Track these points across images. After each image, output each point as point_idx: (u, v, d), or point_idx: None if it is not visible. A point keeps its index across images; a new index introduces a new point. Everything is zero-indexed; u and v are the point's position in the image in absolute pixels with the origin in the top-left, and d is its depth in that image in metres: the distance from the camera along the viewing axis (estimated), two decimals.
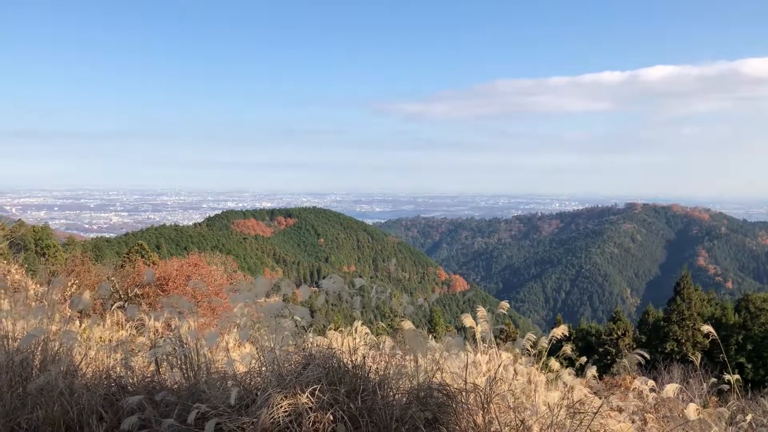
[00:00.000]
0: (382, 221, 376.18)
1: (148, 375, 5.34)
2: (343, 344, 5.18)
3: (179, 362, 5.18)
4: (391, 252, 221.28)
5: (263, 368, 4.79)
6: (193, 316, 7.69)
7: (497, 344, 7.20)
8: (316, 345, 5.23)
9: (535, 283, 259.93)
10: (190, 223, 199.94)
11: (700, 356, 7.10)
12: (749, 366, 43.17)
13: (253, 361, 5.07)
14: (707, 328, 5.05)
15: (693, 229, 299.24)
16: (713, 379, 5.87)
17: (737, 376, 5.28)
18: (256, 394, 4.36)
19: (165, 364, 5.39)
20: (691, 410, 3.76)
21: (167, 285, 15.80)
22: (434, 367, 5.27)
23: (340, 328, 8.23)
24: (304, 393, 4.16)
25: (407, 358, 5.24)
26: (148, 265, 23.52)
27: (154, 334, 7.20)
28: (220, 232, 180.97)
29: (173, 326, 6.39)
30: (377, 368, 4.81)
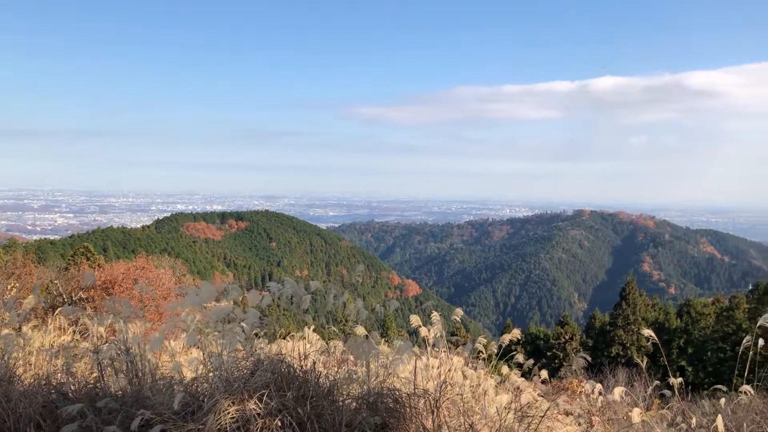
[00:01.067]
0: (336, 225, 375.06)
1: (91, 381, 5.17)
2: (293, 349, 5.13)
3: (123, 368, 5.04)
4: (344, 256, 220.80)
5: (211, 374, 4.70)
6: (140, 321, 7.50)
7: (448, 348, 7.24)
8: (266, 350, 5.16)
9: (486, 287, 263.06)
10: (139, 226, 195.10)
11: (644, 359, 7.28)
12: (690, 369, 44.57)
13: (201, 367, 4.97)
14: (648, 332, 5.19)
15: (638, 235, 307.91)
16: (656, 382, 6.02)
17: (680, 379, 5.42)
18: (203, 400, 4.27)
19: (109, 369, 5.24)
20: (636, 413, 3.86)
21: (113, 288, 15.43)
22: (385, 372, 5.26)
23: (291, 333, 8.15)
24: (252, 399, 4.09)
25: (359, 363, 5.22)
26: (94, 268, 22.91)
27: (98, 339, 7.00)
28: (170, 235, 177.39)
29: (118, 331, 6.22)
30: (328, 373, 4.77)
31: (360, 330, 6.10)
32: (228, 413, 4.00)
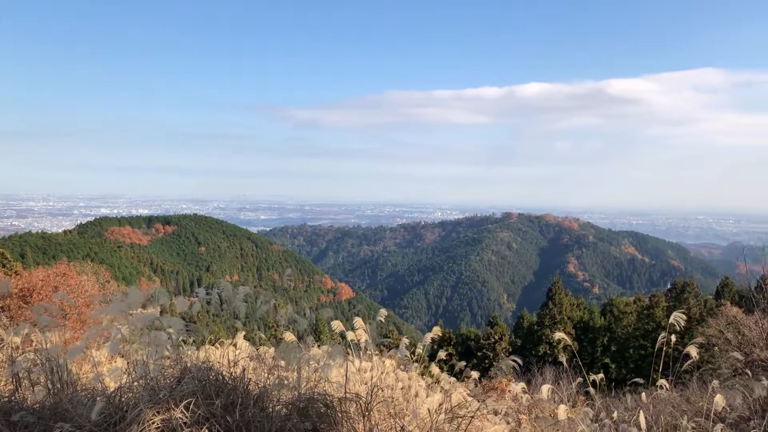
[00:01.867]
0: (268, 229, 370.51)
1: (6, 394, 4.91)
2: (222, 356, 5.02)
3: (41, 379, 4.81)
4: (276, 260, 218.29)
5: (135, 383, 4.55)
6: (59, 330, 7.19)
7: (381, 351, 7.27)
8: (194, 357, 5.04)
9: (418, 289, 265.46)
10: (60, 231, 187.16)
11: (569, 357, 7.51)
12: (613, 366, 46.30)
13: (125, 376, 4.80)
14: (560, 335, 5.36)
15: (564, 237, 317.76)
16: (579, 379, 6.22)
17: (601, 375, 5.62)
18: (126, 411, 4.13)
19: (25, 381, 4.99)
20: (561, 411, 3.97)
21: (31, 297, 14.73)
22: (317, 377, 5.22)
23: (221, 340, 7.99)
24: (178, 407, 3.98)
25: (290, 368, 5.16)
26: (10, 276, 21.79)
27: (14, 350, 6.66)
28: (93, 240, 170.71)
29: (36, 341, 5.94)
30: (257, 380, 4.70)
31: (290, 335, 6.04)
32: (153, 423, 3.88)
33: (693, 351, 5.30)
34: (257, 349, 7.04)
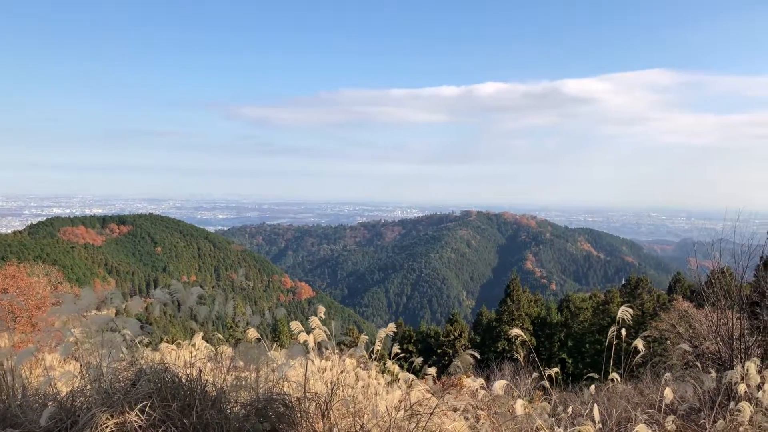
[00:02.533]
0: (226, 228, 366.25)
1: None
2: (178, 357, 4.94)
3: None
4: (234, 260, 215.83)
5: (88, 386, 4.44)
6: (9, 333, 6.98)
7: (341, 350, 7.25)
8: (149, 359, 4.95)
9: (378, 288, 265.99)
10: (9, 231, 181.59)
11: (527, 353, 7.61)
12: (570, 360, 47.13)
13: (78, 380, 4.68)
14: (516, 331, 5.45)
15: (522, 234, 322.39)
16: (535, 374, 6.32)
17: (556, 370, 5.72)
18: (79, 415, 4.03)
19: None
20: (518, 406, 4.03)
21: None
22: (276, 377, 5.18)
23: (178, 341, 7.87)
24: (133, 410, 3.90)
25: (249, 369, 5.11)
26: None
27: None
28: (45, 240, 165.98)
29: None
30: (215, 381, 4.64)
31: (250, 335, 5.98)
32: (106, 427, 3.79)
33: (640, 344, 5.43)
34: (215, 350, 6.95)
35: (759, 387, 5.64)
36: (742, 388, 5.54)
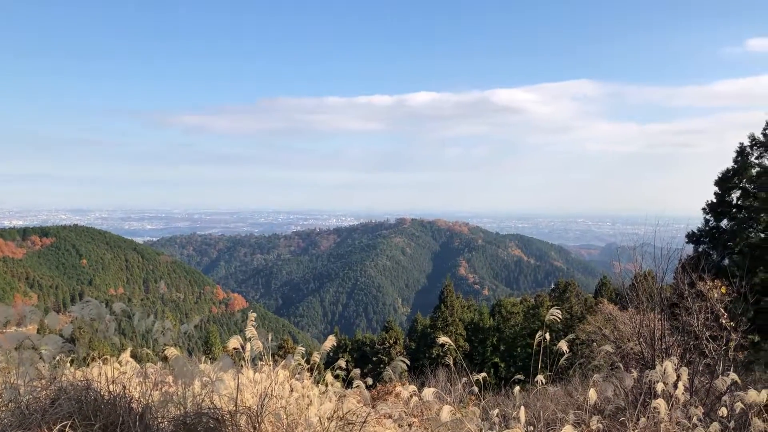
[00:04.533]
0: (155, 239, 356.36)
1: None
2: (101, 374, 4.76)
3: None
4: (164, 272, 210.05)
5: (2, 408, 4.22)
6: None
7: (275, 361, 7.15)
8: (71, 377, 4.75)
9: (314, 297, 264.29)
10: None
11: (462, 358, 7.72)
12: (503, 364, 48.04)
13: None
14: (443, 339, 5.52)
15: (455, 241, 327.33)
16: (464, 379, 6.41)
17: (484, 374, 5.81)
18: None
19: None
20: (445, 412, 4.07)
21: None
22: (205, 391, 5.06)
23: (104, 357, 7.58)
24: (51, 431, 3.73)
25: (177, 384, 4.98)
26: None
27: None
28: None
29: None
30: (140, 398, 4.49)
31: (176, 350, 5.82)
32: None
33: (564, 346, 5.59)
34: (143, 366, 6.74)
35: (675, 385, 5.89)
36: (660, 386, 5.77)
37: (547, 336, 5.51)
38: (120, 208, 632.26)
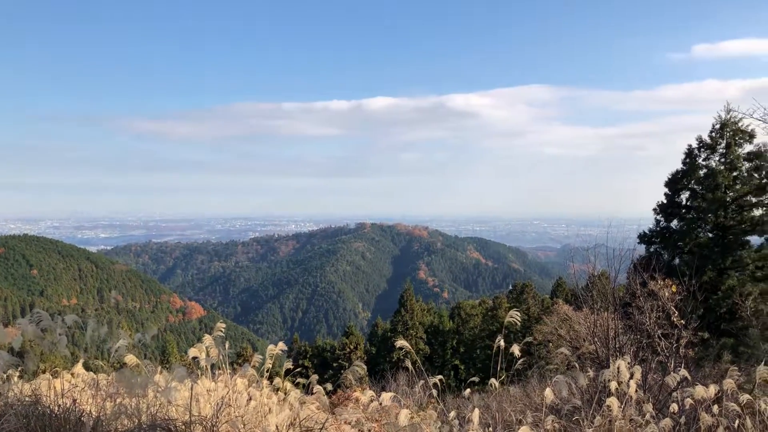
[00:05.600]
0: (109, 248, 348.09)
1: None
2: (51, 388, 4.62)
3: None
4: (119, 281, 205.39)
5: None
6: None
7: (234, 369, 7.06)
8: (19, 391, 4.60)
9: (273, 304, 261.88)
10: None
11: (422, 361, 7.77)
12: (462, 366, 48.38)
13: None
14: (401, 342, 5.55)
15: (414, 245, 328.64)
16: (421, 382, 6.44)
17: (441, 377, 5.85)
18: None
19: None
20: (403, 416, 4.08)
21: None
22: (160, 402, 4.96)
23: (56, 370, 7.38)
24: None
25: (132, 395, 4.86)
26: None
27: None
28: None
29: None
30: (92, 410, 4.38)
31: (132, 360, 5.70)
32: None
33: (516, 350, 5.67)
34: (95, 377, 6.58)
35: (629, 383, 6.03)
36: (613, 385, 5.90)
37: (503, 343, 5.59)
38: (72, 217, 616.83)
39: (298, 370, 8.02)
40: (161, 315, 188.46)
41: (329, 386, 7.67)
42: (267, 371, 6.86)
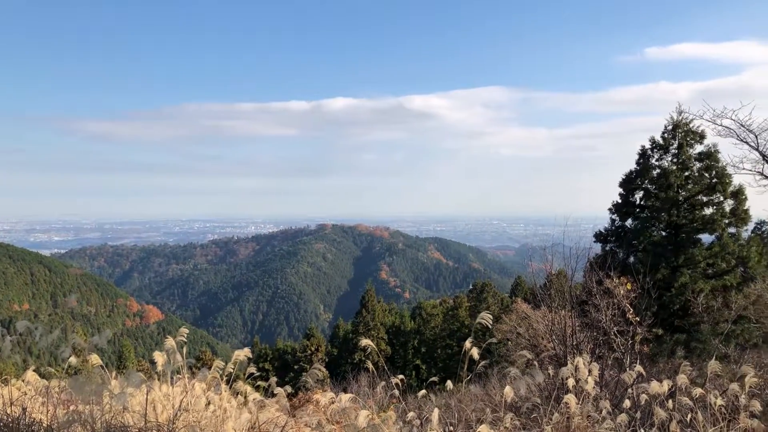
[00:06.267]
0: (63, 251, 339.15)
1: None
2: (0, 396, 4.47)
3: None
4: (73, 285, 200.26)
5: None
6: None
7: (193, 373, 6.94)
8: None
9: (233, 307, 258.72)
10: None
11: (384, 361, 7.73)
12: (424, 366, 48.60)
13: None
14: (366, 341, 5.54)
15: (376, 246, 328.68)
16: (383, 383, 6.44)
17: (402, 377, 5.86)
18: None
19: None
20: (362, 417, 4.07)
21: None
22: (114, 409, 4.84)
23: (5, 378, 7.16)
24: None
25: (87, 401, 4.74)
26: None
27: None
28: None
29: None
30: (42, 419, 4.25)
31: (96, 360, 5.57)
32: None
33: (475, 353, 5.70)
34: (47, 384, 6.39)
35: (587, 380, 6.14)
36: (571, 382, 5.99)
37: (468, 344, 5.62)
38: (24, 220, 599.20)
39: (259, 373, 7.93)
40: (118, 319, 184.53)
41: (289, 388, 7.61)
42: (227, 375, 6.77)
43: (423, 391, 5.99)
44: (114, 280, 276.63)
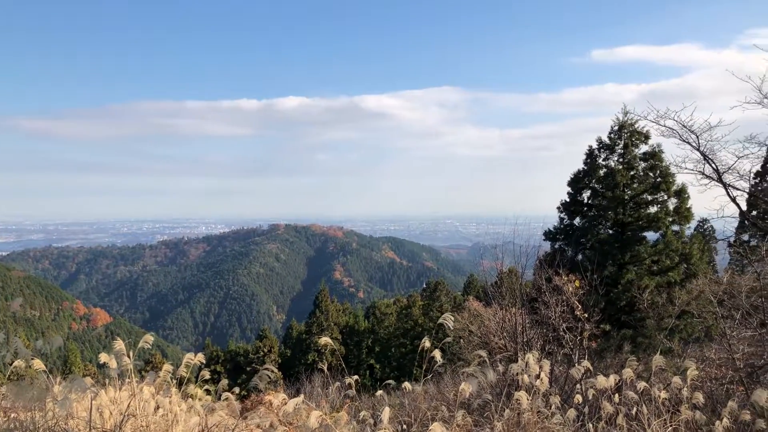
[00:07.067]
0: (5, 254, 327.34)
1: None
2: None
3: None
4: (16, 288, 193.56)
5: None
6: None
7: (142, 377, 6.79)
8: None
9: (183, 309, 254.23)
10: None
11: (336, 362, 7.70)
12: (378, 366, 48.69)
13: None
14: (325, 339, 5.52)
15: (330, 246, 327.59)
16: (337, 383, 6.43)
17: (356, 377, 5.85)
18: None
19: None
20: (313, 417, 4.05)
21: None
22: (58, 415, 4.70)
23: None
24: None
25: (29, 408, 4.59)
26: None
27: None
28: None
29: None
30: None
31: (39, 364, 5.39)
32: None
33: (438, 354, 5.75)
34: None
35: (538, 376, 6.24)
36: (525, 378, 6.09)
37: (428, 343, 5.66)
38: None
39: (211, 376, 7.80)
40: (64, 323, 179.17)
41: (237, 390, 7.52)
42: (177, 378, 6.64)
43: (381, 392, 6.00)
44: (59, 283, 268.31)
